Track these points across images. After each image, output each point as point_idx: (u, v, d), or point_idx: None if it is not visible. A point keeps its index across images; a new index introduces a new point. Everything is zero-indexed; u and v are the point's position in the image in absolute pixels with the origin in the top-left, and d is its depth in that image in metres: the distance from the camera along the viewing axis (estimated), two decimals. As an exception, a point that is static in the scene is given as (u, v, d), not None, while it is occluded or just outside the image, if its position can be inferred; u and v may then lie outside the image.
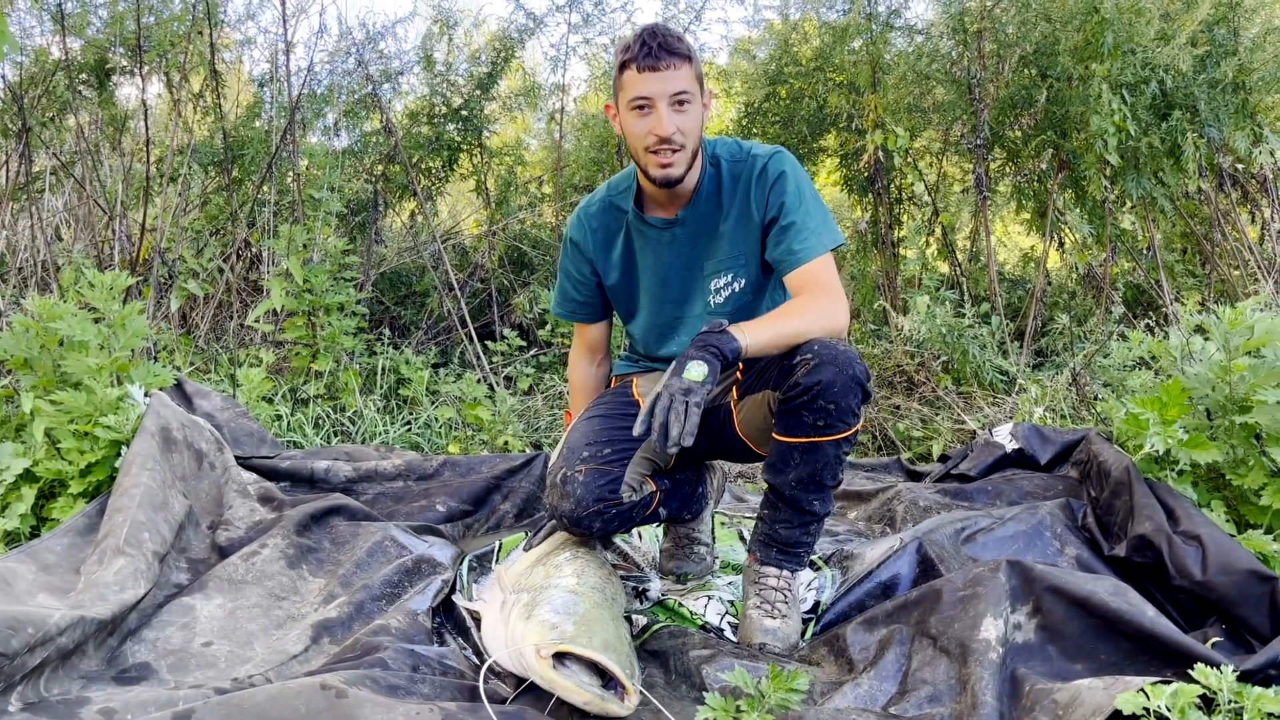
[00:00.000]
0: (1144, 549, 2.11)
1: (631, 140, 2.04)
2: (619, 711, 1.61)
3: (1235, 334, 2.32)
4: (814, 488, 1.99)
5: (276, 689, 1.47)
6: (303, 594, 2.14)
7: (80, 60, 4.65)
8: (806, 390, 1.87)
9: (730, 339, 1.83)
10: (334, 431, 3.86)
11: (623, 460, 2.04)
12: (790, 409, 1.92)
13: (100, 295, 2.69)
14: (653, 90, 1.95)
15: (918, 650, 1.82)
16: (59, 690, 1.61)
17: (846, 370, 1.86)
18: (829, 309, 1.97)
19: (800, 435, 1.93)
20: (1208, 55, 4.56)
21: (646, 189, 2.15)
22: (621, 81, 2.01)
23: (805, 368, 1.88)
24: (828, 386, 1.86)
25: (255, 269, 5.05)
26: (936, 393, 4.27)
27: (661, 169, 2.01)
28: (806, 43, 5.75)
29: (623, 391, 2.32)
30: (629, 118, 2.01)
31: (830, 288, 2.01)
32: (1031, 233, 5.98)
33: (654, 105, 1.97)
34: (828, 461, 1.95)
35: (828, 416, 1.88)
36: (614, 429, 2.11)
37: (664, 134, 1.97)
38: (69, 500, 2.40)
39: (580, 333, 2.45)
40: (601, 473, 2.00)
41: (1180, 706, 1.42)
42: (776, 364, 2.00)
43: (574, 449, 2.06)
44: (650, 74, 1.95)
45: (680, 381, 1.74)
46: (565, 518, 2.00)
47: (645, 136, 1.99)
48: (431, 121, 5.69)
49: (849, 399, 1.88)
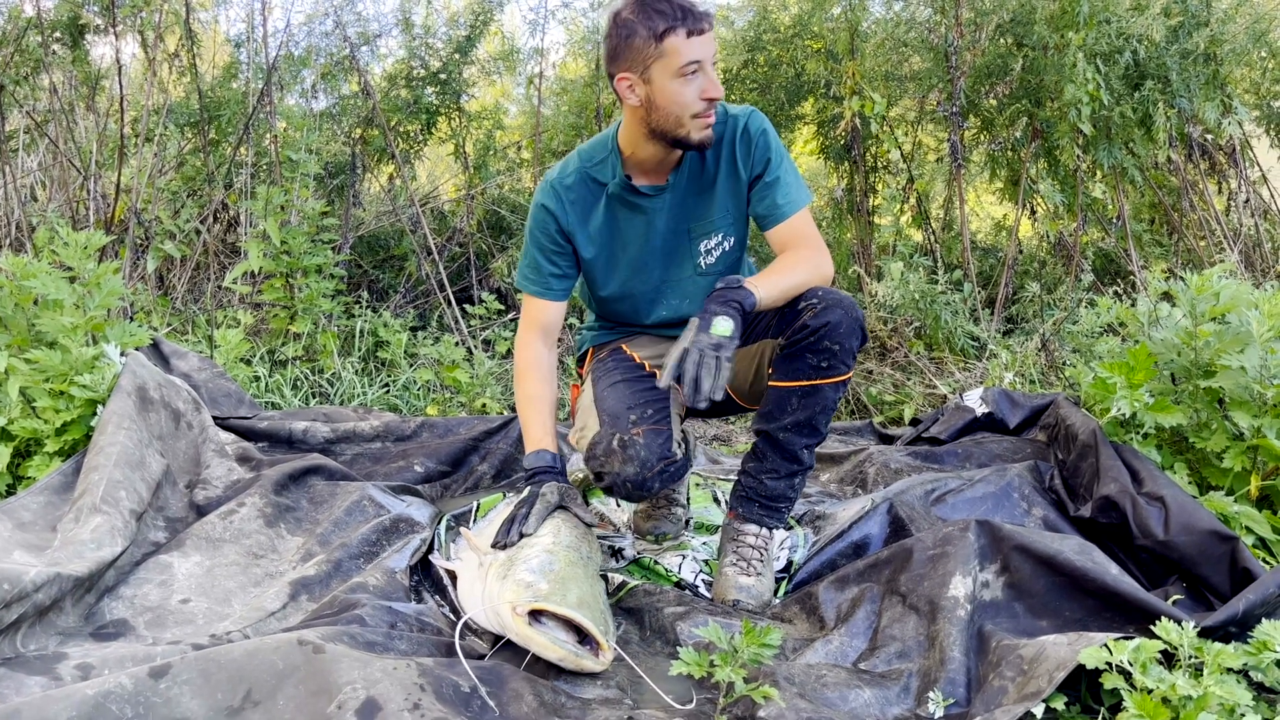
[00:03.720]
0: (1109, 510, 2.16)
1: (676, 108, 1.97)
2: (593, 667, 1.65)
3: (1201, 300, 2.36)
4: (808, 432, 2.03)
5: (254, 644, 1.49)
6: (281, 552, 2.15)
7: (54, 18, 4.56)
8: (814, 331, 1.94)
9: (748, 293, 1.88)
10: (312, 393, 3.86)
11: (666, 419, 2.07)
12: (795, 352, 1.98)
13: (74, 254, 2.67)
14: (703, 53, 1.93)
15: (888, 608, 1.86)
16: (35, 646, 1.62)
17: (852, 312, 1.96)
18: (822, 260, 2.06)
19: (802, 378, 1.98)
20: (1180, 26, 4.58)
21: (637, 156, 2.11)
22: (663, 49, 1.92)
23: (812, 311, 1.95)
24: (835, 327, 1.93)
25: (233, 231, 5.01)
26: (909, 358, 4.32)
27: (707, 130, 2.01)
28: (785, 10, 5.72)
29: (621, 357, 2.31)
30: (675, 85, 1.94)
31: (816, 240, 2.09)
32: (1004, 201, 6.01)
33: (703, 68, 1.94)
34: (825, 405, 2.01)
35: (831, 358, 1.95)
36: (645, 391, 2.15)
37: (718, 95, 1.96)
38: (45, 459, 2.39)
39: (538, 312, 2.26)
40: (657, 432, 2.01)
41: (1142, 661, 1.45)
42: (776, 313, 2.06)
43: (617, 414, 2.06)
44: (698, 38, 1.92)
45: (709, 337, 1.80)
46: (629, 482, 1.96)
47: (696, 101, 1.95)
48: (410, 85, 5.63)
49: (852, 340, 1.96)
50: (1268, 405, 2.21)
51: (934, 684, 1.61)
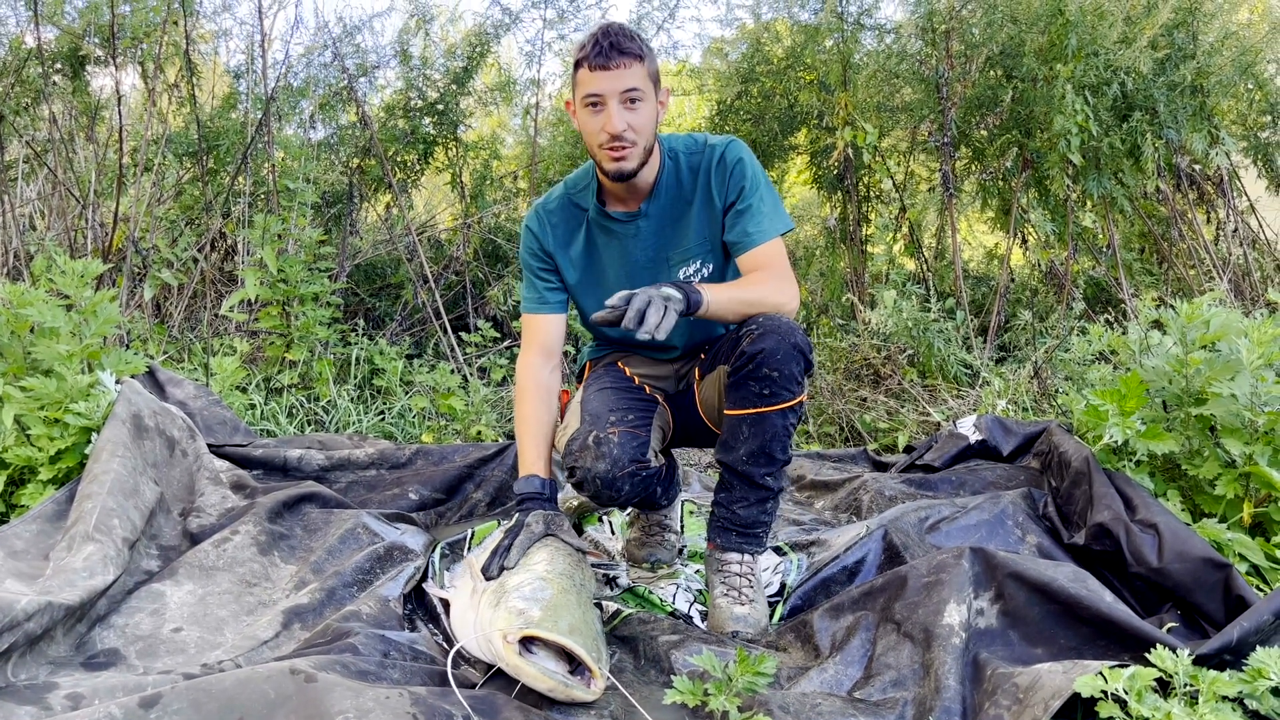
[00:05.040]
0: (1103, 537, 2.16)
1: (586, 136, 2.10)
2: (584, 697, 1.63)
3: (1192, 329, 2.38)
4: (764, 460, 2.04)
5: (245, 674, 1.48)
6: (274, 580, 2.15)
7: (54, 49, 4.61)
8: (751, 359, 1.95)
9: (695, 290, 1.92)
10: (307, 421, 3.86)
11: (646, 426, 2.09)
12: (738, 380, 1.99)
13: (71, 282, 2.68)
14: (604, 88, 2.00)
15: (882, 636, 1.85)
16: (26, 675, 1.60)
17: (788, 339, 1.95)
18: (783, 287, 2.07)
19: (748, 406, 1.99)
20: (1167, 58, 4.64)
21: (606, 184, 2.19)
22: (576, 79, 2.06)
23: (750, 338, 1.96)
24: (770, 354, 1.94)
25: (230, 259, 5.03)
26: (902, 385, 4.33)
27: (615, 162, 2.06)
28: (778, 42, 5.79)
29: (615, 370, 2.35)
30: (583, 115, 2.07)
31: (782, 269, 2.10)
32: (996, 230, 6.06)
33: (605, 103, 2.01)
34: (776, 432, 2.01)
35: (772, 385, 1.96)
36: (630, 397, 2.17)
37: (614, 131, 2.02)
38: (38, 487, 2.39)
39: (536, 329, 2.30)
40: (633, 435, 2.03)
41: (1137, 689, 1.44)
42: (728, 339, 2.08)
43: (598, 414, 2.08)
44: (602, 73, 1.99)
45: (658, 290, 1.84)
46: (599, 479, 1.99)
47: (598, 134, 2.05)
48: (407, 115, 5.68)
49: (791, 366, 1.95)
50: (1259, 432, 2.22)
51: (929, 713, 1.60)
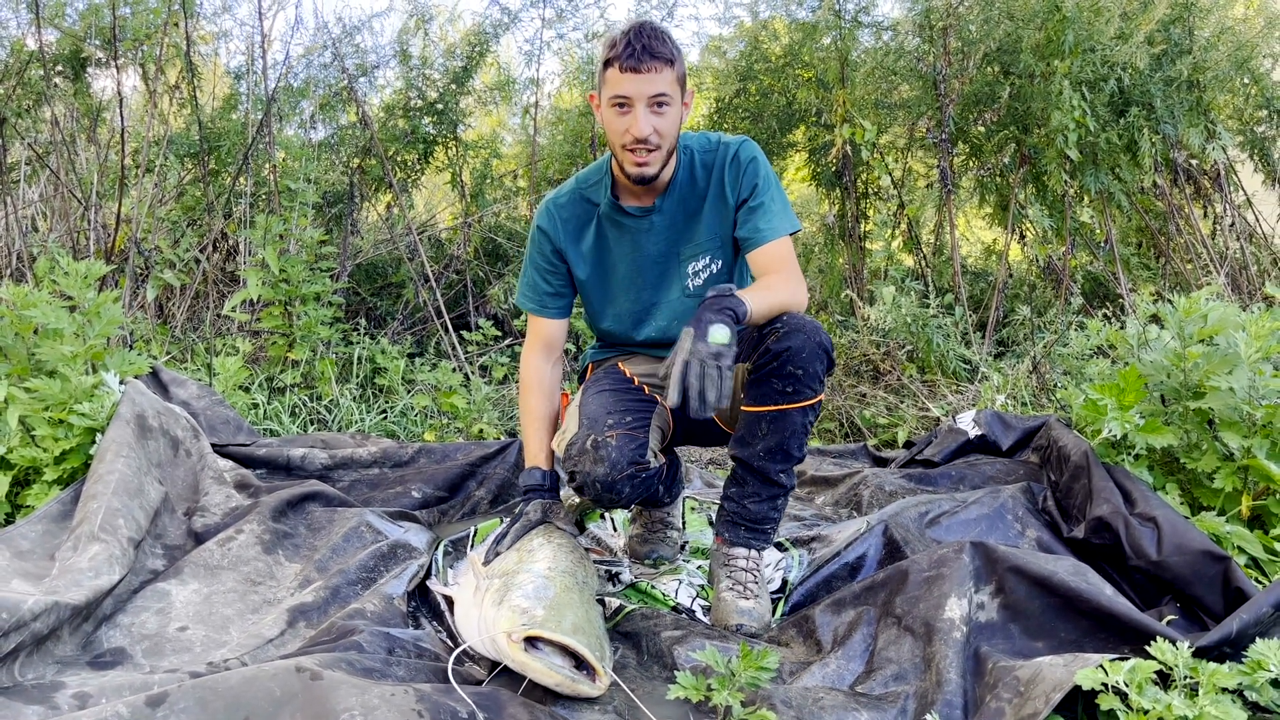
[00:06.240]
0: (1102, 530, 2.17)
1: (610, 135, 2.09)
2: (590, 692, 1.65)
3: (1190, 323, 2.39)
4: (781, 457, 2.05)
5: (251, 672, 1.49)
6: (279, 579, 2.16)
7: (56, 52, 4.61)
8: (776, 356, 1.95)
9: (739, 301, 1.88)
10: (310, 420, 3.87)
11: (644, 427, 2.09)
12: (760, 377, 1.99)
13: (74, 283, 2.69)
14: (632, 91, 1.99)
15: (884, 630, 1.86)
16: (33, 675, 1.61)
17: (814, 337, 1.96)
18: (798, 287, 2.08)
19: (769, 403, 1.99)
20: (1164, 54, 4.65)
21: (622, 181, 2.19)
22: (605, 78, 2.04)
23: (775, 336, 1.97)
24: (796, 352, 1.94)
25: (232, 259, 5.04)
26: (902, 381, 4.34)
27: (637, 167, 2.06)
28: (776, 40, 5.80)
29: (614, 371, 2.35)
30: (609, 114, 2.05)
31: (793, 268, 2.12)
32: (994, 226, 6.06)
33: (633, 106, 2.00)
34: (795, 430, 2.02)
35: (795, 383, 1.96)
36: (628, 399, 2.17)
37: (640, 135, 2.01)
38: (44, 487, 2.40)
39: (539, 329, 2.36)
40: (630, 437, 2.02)
41: (1138, 682, 1.45)
42: (748, 337, 2.07)
43: (596, 418, 2.08)
44: (632, 75, 1.98)
45: (707, 346, 1.76)
46: (599, 483, 1.98)
47: (623, 135, 2.04)
48: (407, 115, 5.68)
49: (815, 364, 1.97)
50: (1257, 426, 2.23)
51: (931, 706, 1.61)
